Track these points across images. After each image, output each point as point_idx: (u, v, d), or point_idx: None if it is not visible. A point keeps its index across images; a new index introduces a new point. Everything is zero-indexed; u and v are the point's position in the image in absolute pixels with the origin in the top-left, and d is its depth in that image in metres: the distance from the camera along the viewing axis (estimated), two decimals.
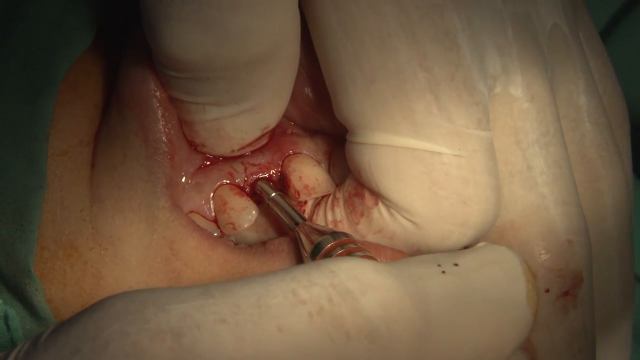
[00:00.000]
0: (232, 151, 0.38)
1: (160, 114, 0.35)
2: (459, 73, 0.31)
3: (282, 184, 0.39)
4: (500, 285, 0.29)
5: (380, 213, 0.33)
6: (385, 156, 0.32)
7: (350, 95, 0.32)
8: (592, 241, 0.35)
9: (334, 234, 0.32)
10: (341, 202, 0.35)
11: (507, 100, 0.33)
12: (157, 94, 0.35)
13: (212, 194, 0.38)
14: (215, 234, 0.38)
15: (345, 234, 0.32)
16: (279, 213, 0.37)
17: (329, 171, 0.39)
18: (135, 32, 0.36)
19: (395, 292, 0.25)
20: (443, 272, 0.28)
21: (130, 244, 0.35)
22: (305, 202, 0.38)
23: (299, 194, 0.38)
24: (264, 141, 0.39)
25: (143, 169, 0.35)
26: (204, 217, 0.38)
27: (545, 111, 0.34)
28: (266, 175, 0.39)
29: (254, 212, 0.38)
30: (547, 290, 0.34)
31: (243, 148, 0.38)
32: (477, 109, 0.31)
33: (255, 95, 0.34)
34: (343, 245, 0.31)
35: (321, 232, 0.32)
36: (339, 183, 0.38)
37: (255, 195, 0.39)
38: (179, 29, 0.30)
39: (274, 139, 0.39)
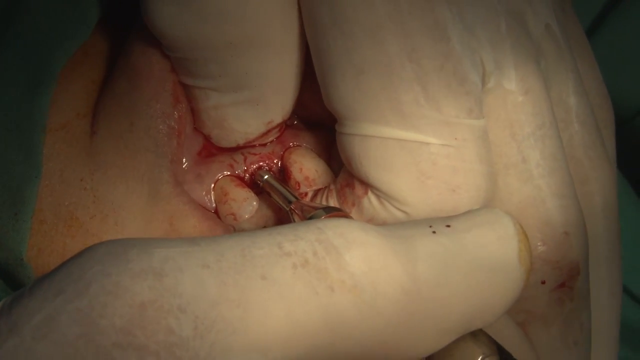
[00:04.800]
0: (238, 145, 0.39)
1: (175, 91, 0.36)
2: (448, 64, 0.31)
3: (282, 175, 0.39)
4: (491, 245, 0.28)
5: (370, 202, 0.33)
6: (374, 147, 0.32)
7: (339, 86, 0.32)
8: None
9: (327, 208, 0.32)
10: (334, 193, 0.36)
11: (500, 94, 0.33)
12: (174, 73, 0.36)
13: (212, 185, 0.39)
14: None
15: (337, 208, 0.32)
16: (273, 194, 0.37)
17: (329, 163, 0.40)
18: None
19: (380, 248, 0.25)
20: (434, 232, 0.28)
21: (132, 212, 0.35)
22: (306, 194, 0.39)
23: (299, 186, 0.38)
24: (272, 136, 0.39)
25: (150, 140, 0.35)
26: (205, 208, 0.39)
27: (540, 104, 0.34)
28: (266, 165, 0.39)
29: (254, 203, 0.38)
30: (544, 282, 0.34)
31: (249, 142, 0.39)
32: (468, 99, 0.32)
33: (251, 84, 0.35)
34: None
35: (314, 208, 0.33)
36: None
37: (256, 186, 0.39)
38: (159, 2, 0.32)
39: None
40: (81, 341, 0.22)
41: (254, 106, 0.36)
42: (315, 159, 0.39)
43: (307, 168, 0.39)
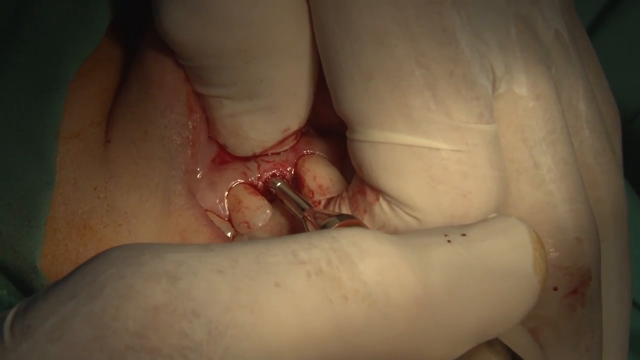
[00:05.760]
0: (254, 153, 0.39)
1: (189, 101, 0.36)
2: (457, 69, 0.31)
3: (295, 183, 0.39)
4: (506, 253, 0.28)
5: (382, 209, 0.33)
6: (385, 153, 0.32)
7: (348, 92, 0.32)
8: None
9: (340, 216, 0.32)
10: (347, 201, 0.36)
11: (511, 99, 0.33)
12: (188, 83, 0.36)
13: (226, 193, 0.39)
14: (229, 233, 0.39)
15: (350, 216, 0.32)
16: (286, 201, 0.37)
17: (342, 171, 0.40)
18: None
19: (394, 258, 0.25)
20: (449, 241, 0.27)
21: (145, 222, 0.35)
22: (319, 202, 0.39)
23: (313, 194, 0.38)
24: (288, 144, 0.39)
25: (164, 150, 0.36)
26: (218, 215, 0.39)
27: (552, 109, 0.34)
28: (279, 173, 0.40)
29: (268, 211, 0.38)
30: (556, 289, 0.34)
31: (265, 150, 0.39)
32: (478, 103, 0.32)
33: (265, 92, 0.35)
34: (349, 226, 0.31)
35: (328, 216, 0.33)
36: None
37: (269, 194, 0.39)
38: (170, 7, 0.32)
39: None
40: (95, 344, 0.22)
41: (269, 114, 0.36)
42: (328, 167, 0.39)
43: (321, 176, 0.39)
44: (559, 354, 0.34)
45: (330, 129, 0.40)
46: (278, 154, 0.40)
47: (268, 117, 0.37)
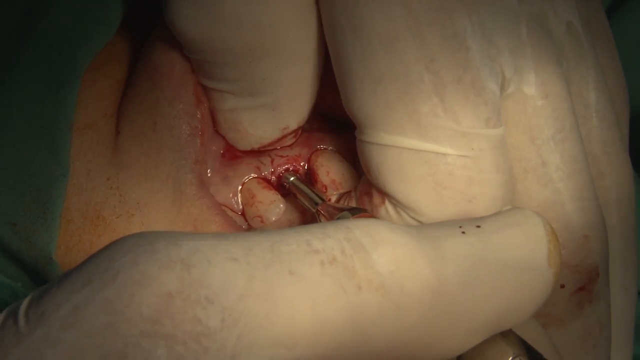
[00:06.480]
0: (252, 148, 0.39)
1: (196, 91, 0.37)
2: (466, 74, 0.31)
3: (309, 178, 0.40)
4: (520, 246, 0.28)
5: (387, 211, 0.33)
6: (392, 157, 0.32)
7: (357, 94, 0.32)
8: None
9: (353, 210, 0.32)
10: (354, 201, 0.36)
11: (520, 99, 0.33)
12: (194, 74, 0.37)
13: (240, 187, 0.39)
14: (243, 227, 0.39)
15: (364, 210, 0.32)
16: (299, 195, 0.37)
17: (355, 167, 0.40)
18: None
19: (408, 248, 0.25)
20: (463, 232, 0.27)
21: (157, 212, 0.35)
22: (330, 199, 0.39)
23: (326, 189, 0.38)
24: (287, 142, 0.40)
25: (173, 140, 0.36)
26: (231, 209, 0.39)
27: (561, 107, 0.33)
28: (292, 167, 0.40)
29: (281, 205, 0.38)
30: (563, 286, 0.34)
31: (264, 147, 0.39)
32: (486, 108, 0.31)
33: (268, 91, 0.36)
34: None
35: (340, 210, 0.32)
36: None
37: (282, 188, 0.39)
38: (179, 3, 0.33)
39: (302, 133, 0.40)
40: (109, 330, 0.22)
41: (269, 112, 0.37)
42: (341, 162, 0.39)
43: (334, 171, 0.39)
44: (566, 350, 0.34)
45: (344, 122, 0.40)
46: (291, 147, 0.40)
47: (268, 115, 0.37)
